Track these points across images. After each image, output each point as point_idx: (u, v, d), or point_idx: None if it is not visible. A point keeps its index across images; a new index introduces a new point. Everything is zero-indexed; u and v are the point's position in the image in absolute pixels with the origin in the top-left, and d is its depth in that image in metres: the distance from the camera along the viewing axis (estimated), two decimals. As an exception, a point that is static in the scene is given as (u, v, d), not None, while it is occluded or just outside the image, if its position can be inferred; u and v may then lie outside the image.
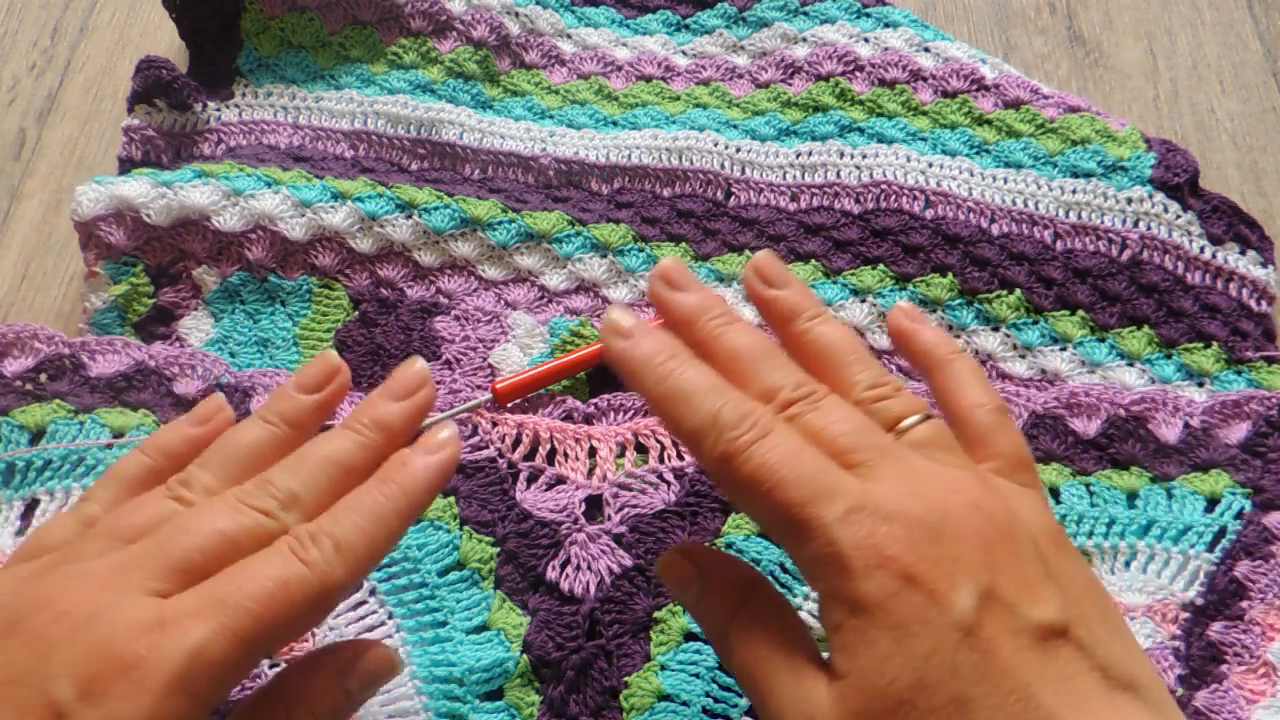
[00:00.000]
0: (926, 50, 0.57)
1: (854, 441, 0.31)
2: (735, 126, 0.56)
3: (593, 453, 0.46)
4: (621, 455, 0.46)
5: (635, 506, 0.45)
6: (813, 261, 0.52)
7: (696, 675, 0.41)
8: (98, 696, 0.29)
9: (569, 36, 0.59)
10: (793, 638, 0.32)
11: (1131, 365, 0.49)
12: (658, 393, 0.32)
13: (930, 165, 0.53)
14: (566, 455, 0.46)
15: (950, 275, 0.51)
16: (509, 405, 0.47)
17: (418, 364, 0.36)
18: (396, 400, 0.35)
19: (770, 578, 0.43)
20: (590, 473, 0.46)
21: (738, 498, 0.31)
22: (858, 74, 0.56)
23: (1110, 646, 0.30)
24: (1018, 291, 0.50)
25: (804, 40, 0.58)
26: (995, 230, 0.52)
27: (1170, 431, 0.46)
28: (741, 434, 0.30)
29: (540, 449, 0.46)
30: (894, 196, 0.52)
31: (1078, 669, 0.29)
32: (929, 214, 0.52)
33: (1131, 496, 0.44)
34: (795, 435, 0.31)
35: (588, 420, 0.47)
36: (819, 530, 0.29)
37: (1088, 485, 0.45)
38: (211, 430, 0.37)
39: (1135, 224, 0.52)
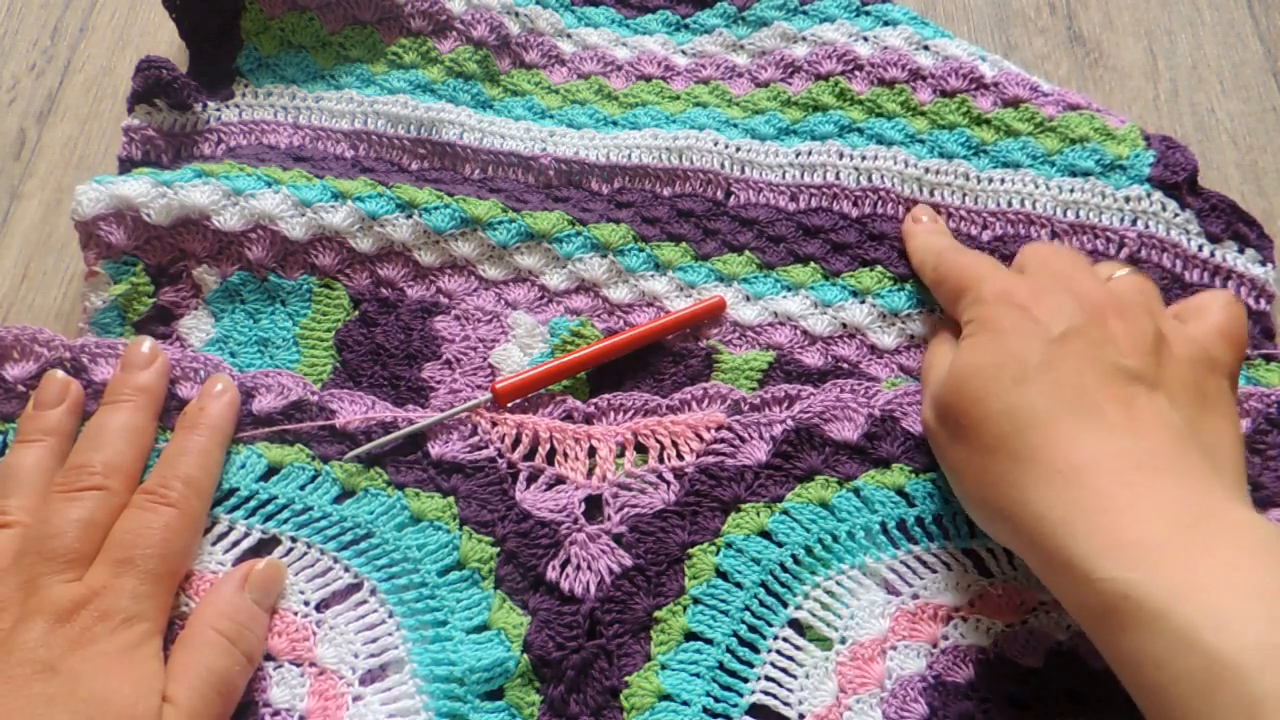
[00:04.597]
0: (926, 48, 0.57)
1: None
2: (735, 125, 0.56)
3: (592, 452, 0.46)
4: (621, 455, 0.46)
5: (635, 506, 0.45)
6: (812, 264, 0.52)
7: (697, 675, 0.41)
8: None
9: (569, 36, 0.59)
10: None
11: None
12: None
13: (926, 172, 0.53)
14: (566, 455, 0.46)
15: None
16: (509, 405, 0.47)
17: (145, 341, 0.46)
18: (142, 370, 0.45)
19: (771, 576, 0.43)
20: (590, 472, 0.46)
21: (938, 287, 0.48)
22: (857, 73, 0.56)
23: (1194, 422, 0.39)
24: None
25: (803, 39, 0.58)
26: (986, 236, 0.52)
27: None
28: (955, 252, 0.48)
29: (540, 449, 0.46)
30: (891, 203, 0.53)
31: (1144, 404, 0.38)
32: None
33: None
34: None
35: (587, 420, 0.47)
36: (976, 287, 0.44)
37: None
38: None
39: (1133, 222, 0.52)
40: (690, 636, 0.42)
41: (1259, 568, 0.33)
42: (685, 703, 0.41)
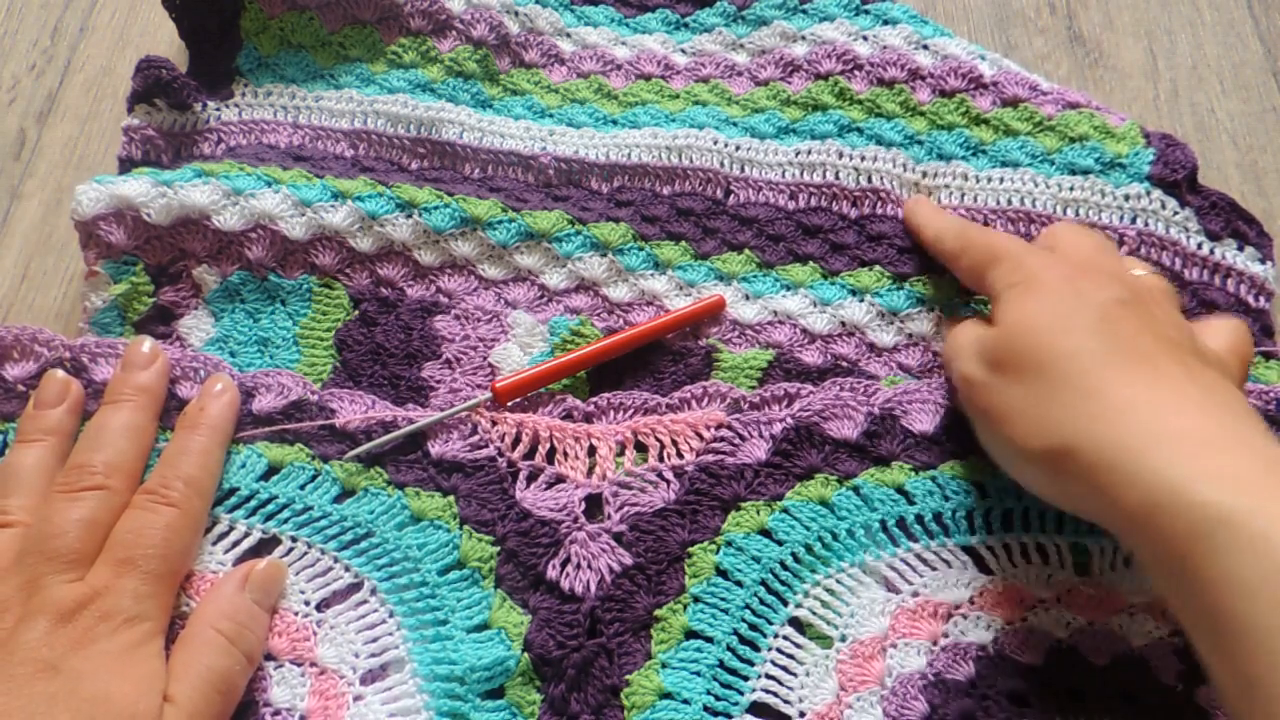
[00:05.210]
0: (925, 48, 0.57)
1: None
2: (734, 124, 0.56)
3: (592, 451, 0.46)
4: (621, 454, 0.46)
5: (635, 505, 0.45)
6: (811, 263, 0.52)
7: (698, 673, 0.41)
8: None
9: (568, 35, 0.59)
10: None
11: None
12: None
13: (924, 176, 0.53)
14: (566, 454, 0.46)
15: (948, 275, 0.51)
16: (509, 404, 0.47)
17: (146, 341, 0.46)
18: (143, 370, 0.45)
19: (771, 574, 0.43)
20: (590, 471, 0.46)
21: (958, 258, 0.48)
22: (856, 73, 0.56)
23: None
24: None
25: (803, 38, 0.58)
26: None
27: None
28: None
29: (540, 448, 0.46)
30: (889, 204, 0.53)
31: (1201, 372, 0.39)
32: None
33: None
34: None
35: (587, 419, 0.47)
36: (1013, 257, 0.44)
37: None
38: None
39: (1133, 220, 0.52)
40: (691, 635, 0.42)
41: None
42: (686, 701, 0.41)
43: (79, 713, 0.35)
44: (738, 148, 0.54)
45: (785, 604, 0.43)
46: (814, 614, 0.42)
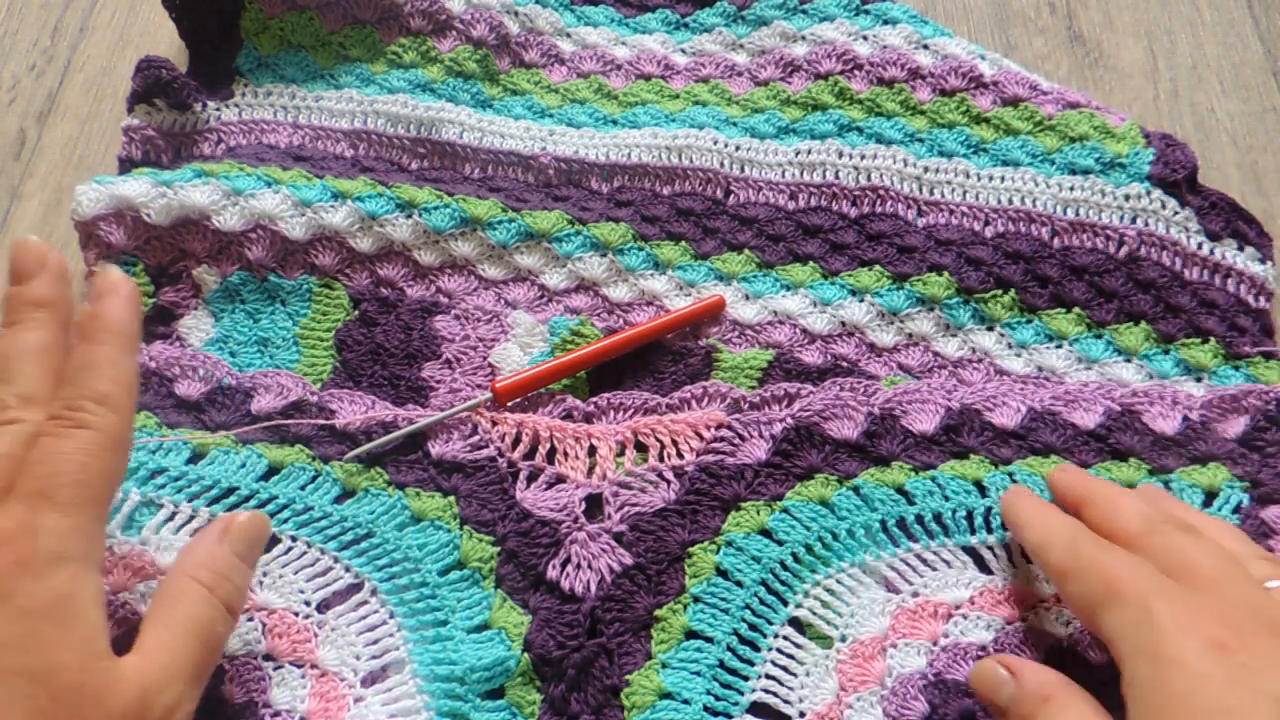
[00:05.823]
0: (925, 47, 0.57)
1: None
2: (734, 124, 0.56)
3: (592, 451, 0.46)
4: (621, 454, 0.46)
5: (635, 505, 0.45)
6: (811, 263, 0.52)
7: (698, 673, 0.41)
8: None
9: (568, 35, 0.59)
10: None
11: (1129, 361, 0.50)
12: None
13: (925, 170, 0.53)
14: (566, 454, 0.46)
15: (946, 274, 0.51)
16: (509, 404, 0.47)
17: (30, 240, 0.38)
18: (33, 278, 0.37)
19: (771, 574, 0.43)
20: (590, 471, 0.46)
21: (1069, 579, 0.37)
22: (856, 73, 0.56)
23: None
24: (1011, 291, 0.51)
25: (803, 39, 0.58)
26: (989, 232, 0.52)
27: (1168, 424, 0.46)
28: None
29: (540, 448, 0.46)
30: (889, 202, 0.53)
31: None
32: (921, 222, 0.52)
33: (1130, 489, 0.45)
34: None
35: (587, 419, 0.47)
36: (1138, 600, 0.34)
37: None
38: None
39: (1133, 220, 0.52)
40: (691, 635, 0.42)
41: None
42: (686, 701, 0.41)
43: (12, 702, 0.31)
44: (738, 148, 0.54)
45: (785, 604, 0.43)
46: (814, 614, 0.42)
